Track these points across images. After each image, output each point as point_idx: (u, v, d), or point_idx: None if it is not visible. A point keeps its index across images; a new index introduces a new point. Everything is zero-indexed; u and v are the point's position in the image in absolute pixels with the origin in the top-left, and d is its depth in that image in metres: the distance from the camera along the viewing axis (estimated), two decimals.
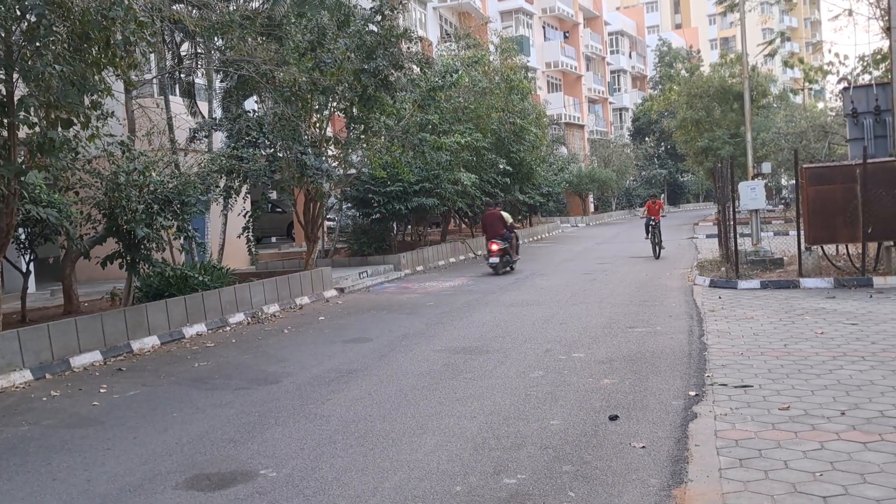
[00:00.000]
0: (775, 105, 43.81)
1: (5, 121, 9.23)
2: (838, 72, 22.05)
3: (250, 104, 18.38)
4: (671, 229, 35.40)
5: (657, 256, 21.15)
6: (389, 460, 5.68)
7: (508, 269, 19.52)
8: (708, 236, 27.97)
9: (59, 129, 9.00)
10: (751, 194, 16.55)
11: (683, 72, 45.32)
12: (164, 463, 5.92)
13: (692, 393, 7.05)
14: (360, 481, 5.28)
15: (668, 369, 8.10)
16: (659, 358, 8.66)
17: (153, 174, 11.31)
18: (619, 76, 67.86)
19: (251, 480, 5.41)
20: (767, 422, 6.00)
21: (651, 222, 21.81)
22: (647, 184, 58.96)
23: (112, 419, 7.36)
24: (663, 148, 59.71)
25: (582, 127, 55.69)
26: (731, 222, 15.23)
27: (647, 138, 59.57)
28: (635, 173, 56.66)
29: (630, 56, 69.83)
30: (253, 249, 16.97)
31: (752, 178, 18.77)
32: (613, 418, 6.39)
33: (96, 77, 9.25)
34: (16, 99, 9.02)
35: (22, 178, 9.52)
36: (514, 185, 28.40)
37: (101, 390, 8.61)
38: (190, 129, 16.56)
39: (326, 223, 23.65)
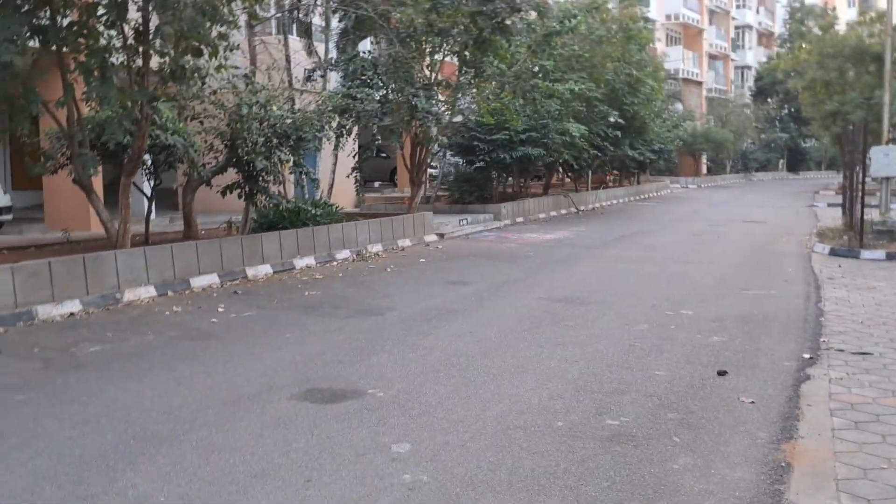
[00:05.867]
0: None
1: (141, 49, 9.69)
2: None
3: (364, 46, 18.55)
4: (789, 196, 33.84)
5: None
6: (490, 393, 5.78)
7: None
8: (829, 205, 26.58)
9: (190, 57, 9.37)
10: (883, 160, 15.55)
11: (816, 30, 42.57)
12: (279, 377, 6.23)
13: (806, 356, 6.81)
14: (463, 408, 5.41)
15: (782, 332, 7.84)
16: (772, 320, 8.38)
17: (274, 108, 11.63)
18: (743, 32, 64.42)
19: (360, 398, 5.64)
20: (887, 389, 5.74)
21: None
22: (765, 147, 56.34)
23: (230, 335, 7.77)
24: (786, 110, 56.64)
25: (700, 84, 53.49)
26: (860, 188, 14.40)
27: (769, 99, 56.57)
28: (754, 136, 54.09)
29: (757, 11, 66.07)
30: (360, 190, 17.32)
31: (886, 144, 17.63)
32: (722, 374, 6.26)
33: (225, 9, 9.54)
34: (151, 28, 9.45)
35: (154, 104, 9.99)
36: (624, 140, 27.61)
37: (219, 309, 9.08)
38: (305, 69, 16.89)
39: (429, 170, 23.80)
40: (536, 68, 18.64)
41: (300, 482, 4.22)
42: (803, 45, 38.85)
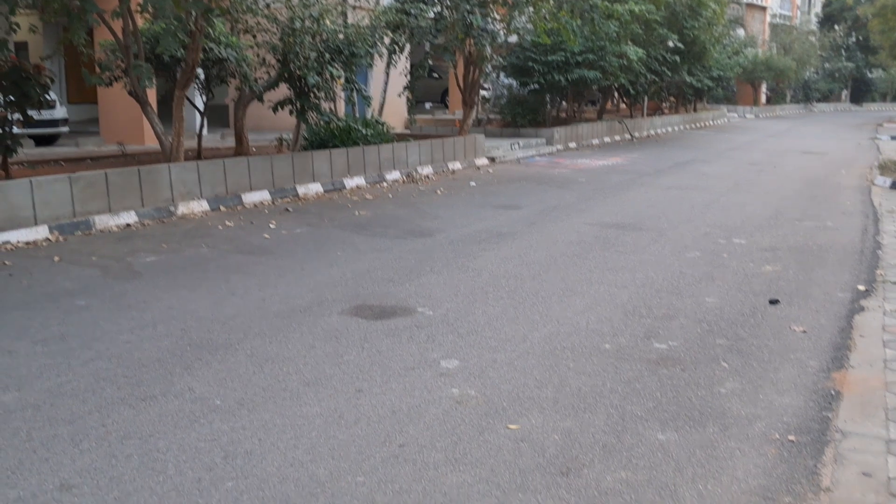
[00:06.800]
0: None
1: None
2: None
3: None
4: (851, 128, 32.61)
5: None
6: (539, 314, 5.81)
7: None
8: (893, 138, 25.59)
9: None
10: None
11: None
12: (330, 292, 6.34)
13: (860, 287, 6.68)
14: (511, 328, 5.45)
15: (836, 263, 7.67)
16: (827, 252, 8.19)
17: (327, 22, 11.47)
18: None
19: (410, 315, 5.72)
20: None
21: None
22: (829, 77, 54.04)
23: (281, 251, 7.91)
24: (854, 38, 53.98)
25: (764, 9, 51.13)
26: None
27: (836, 26, 53.91)
28: (817, 64, 51.80)
29: None
30: (412, 110, 17.14)
31: None
32: (773, 302, 6.17)
33: None
34: None
35: (207, 17, 9.94)
36: (682, 65, 26.71)
37: (271, 225, 9.21)
38: None
39: (481, 92, 23.39)
40: None
41: (351, 392, 4.34)
42: None
